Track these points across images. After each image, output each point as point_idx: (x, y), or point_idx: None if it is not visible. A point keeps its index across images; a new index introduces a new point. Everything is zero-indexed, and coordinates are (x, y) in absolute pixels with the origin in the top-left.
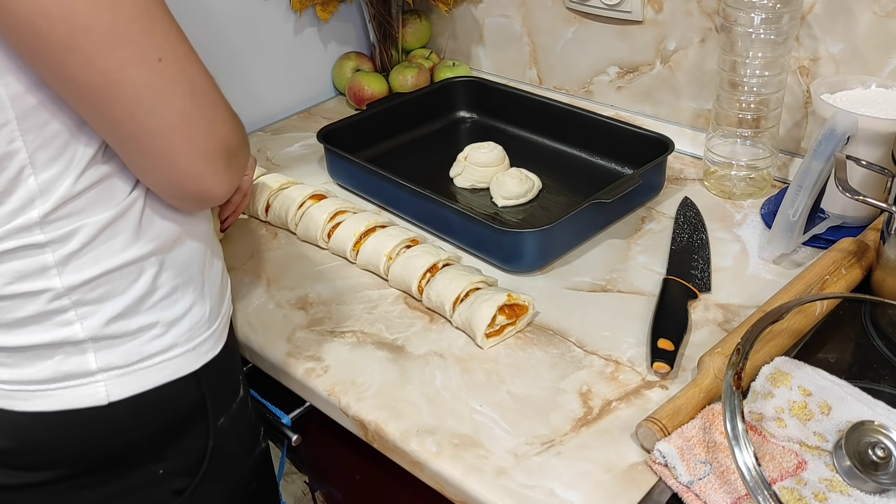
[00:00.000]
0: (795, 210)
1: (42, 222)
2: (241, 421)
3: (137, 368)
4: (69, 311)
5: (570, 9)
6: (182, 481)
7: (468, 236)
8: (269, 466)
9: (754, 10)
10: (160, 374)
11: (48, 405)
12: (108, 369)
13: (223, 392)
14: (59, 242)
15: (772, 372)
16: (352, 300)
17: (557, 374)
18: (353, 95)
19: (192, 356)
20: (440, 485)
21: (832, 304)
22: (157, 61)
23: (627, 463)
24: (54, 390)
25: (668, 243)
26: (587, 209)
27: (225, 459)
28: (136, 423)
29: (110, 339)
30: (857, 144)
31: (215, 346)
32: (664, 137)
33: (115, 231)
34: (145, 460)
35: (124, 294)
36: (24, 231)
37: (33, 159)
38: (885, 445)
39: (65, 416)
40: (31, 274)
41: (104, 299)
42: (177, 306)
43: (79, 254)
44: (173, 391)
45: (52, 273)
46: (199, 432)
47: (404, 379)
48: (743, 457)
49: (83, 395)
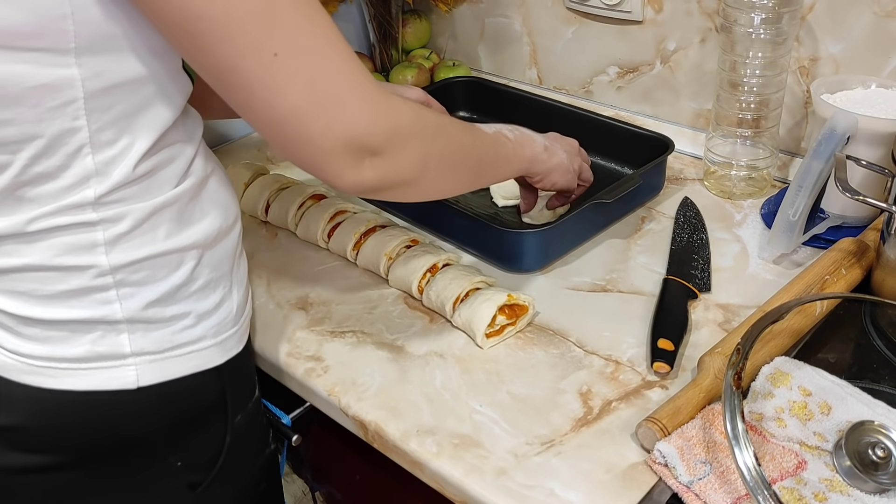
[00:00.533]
0: (795, 210)
1: (96, 202)
2: (255, 421)
3: (168, 356)
4: (111, 290)
5: (570, 9)
6: (198, 475)
7: (468, 236)
8: (277, 469)
9: (754, 10)
10: (188, 364)
11: (78, 384)
12: (140, 353)
13: (242, 390)
14: (110, 222)
15: (772, 372)
16: (352, 300)
17: (557, 374)
18: None
19: (217, 350)
20: (440, 485)
21: (832, 304)
22: (272, 56)
23: (627, 463)
24: (86, 370)
25: (668, 243)
26: (587, 209)
27: (239, 457)
28: (160, 412)
29: (145, 324)
30: (857, 144)
31: (238, 344)
32: (664, 137)
33: (161, 219)
34: (164, 451)
35: (164, 281)
36: (77, 208)
37: (93, 139)
38: (885, 445)
39: (92, 397)
40: (80, 249)
41: (145, 283)
42: (209, 299)
43: (127, 236)
44: (197, 383)
45: (100, 251)
46: (217, 427)
47: (404, 379)
48: (743, 457)
49: (114, 378)
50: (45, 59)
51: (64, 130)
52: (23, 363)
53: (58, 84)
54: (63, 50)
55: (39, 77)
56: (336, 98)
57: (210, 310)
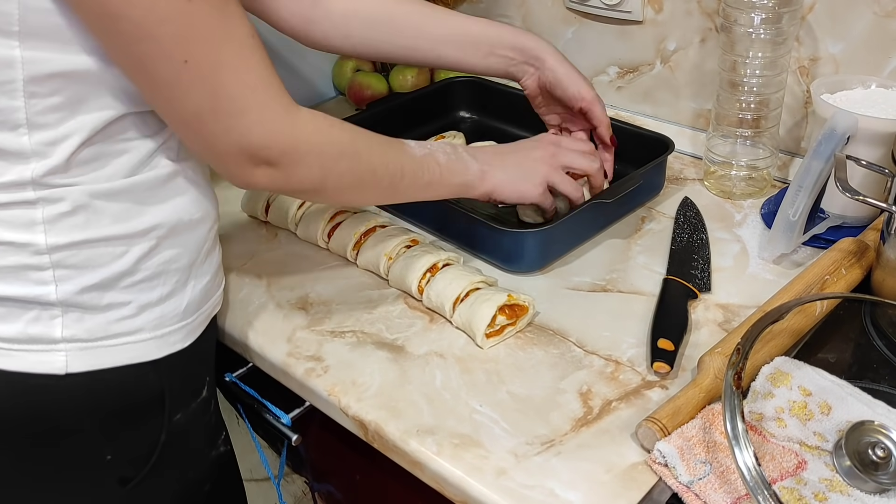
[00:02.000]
0: (795, 210)
1: (34, 182)
2: (200, 420)
3: (100, 345)
4: (47, 270)
5: (570, 9)
6: (129, 471)
7: (468, 236)
8: (232, 471)
9: (754, 10)
10: (122, 356)
11: (7, 364)
12: (71, 340)
13: (184, 388)
14: (48, 202)
15: (772, 372)
16: (352, 300)
17: (557, 374)
18: (354, 95)
19: (156, 344)
20: (440, 485)
21: (832, 304)
22: (182, 62)
23: (627, 463)
24: (16, 351)
25: (668, 243)
26: (587, 209)
27: (177, 457)
28: (90, 402)
29: (80, 309)
30: (857, 144)
31: (184, 340)
32: (664, 137)
33: (107, 205)
34: (93, 442)
35: (104, 267)
36: (17, 186)
37: (31, 121)
38: (885, 445)
39: (20, 379)
40: (19, 225)
41: (83, 266)
42: (154, 292)
43: (67, 217)
44: (131, 376)
45: (38, 229)
46: (152, 424)
47: (404, 379)
48: (743, 457)
49: (42, 362)
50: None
51: (1, 108)
52: None
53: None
54: (6, 32)
55: None
56: (236, 109)
57: (152, 302)
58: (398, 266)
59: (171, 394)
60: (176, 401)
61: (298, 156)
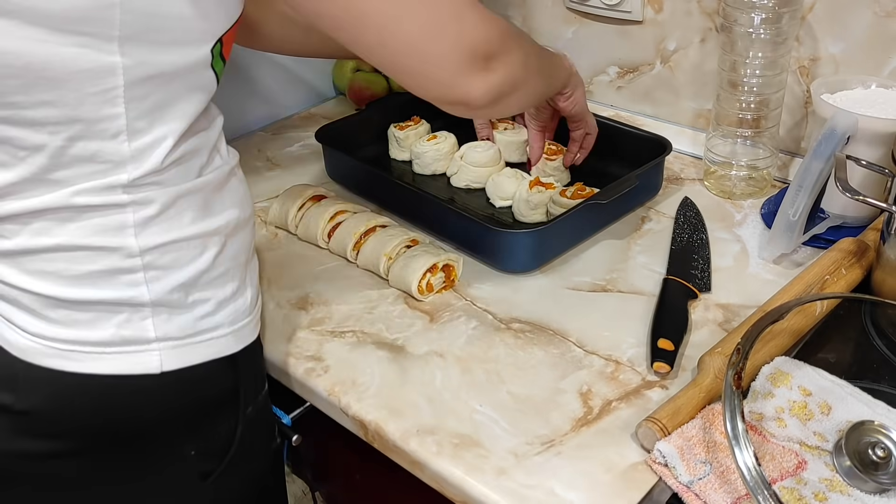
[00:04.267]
0: (795, 210)
1: (128, 185)
2: (264, 414)
3: (190, 342)
4: (139, 272)
5: (570, 9)
6: (209, 465)
7: (463, 236)
8: (282, 464)
9: (754, 10)
10: (207, 351)
11: (102, 368)
12: (164, 339)
13: (253, 381)
14: (139, 205)
15: (772, 372)
16: (352, 300)
17: (557, 374)
18: (354, 95)
19: (233, 339)
20: (440, 485)
21: (832, 304)
22: None
23: (627, 463)
24: (110, 354)
25: (668, 243)
26: (583, 210)
27: (249, 449)
28: (179, 399)
29: (169, 309)
30: (857, 144)
31: (252, 333)
32: (662, 138)
33: (187, 205)
34: (179, 439)
35: (189, 265)
36: (110, 190)
37: (130, 126)
38: (885, 445)
39: (116, 381)
40: (111, 230)
41: (171, 266)
42: (227, 287)
43: (155, 219)
44: (214, 371)
45: (129, 232)
46: (230, 417)
47: (404, 379)
48: (743, 457)
49: (138, 363)
50: (91, 45)
51: (103, 116)
52: (46, 346)
53: (100, 70)
54: (108, 37)
55: (83, 62)
56: (455, 13)
57: (228, 297)
58: (398, 266)
59: (245, 387)
60: (248, 394)
61: (509, 40)
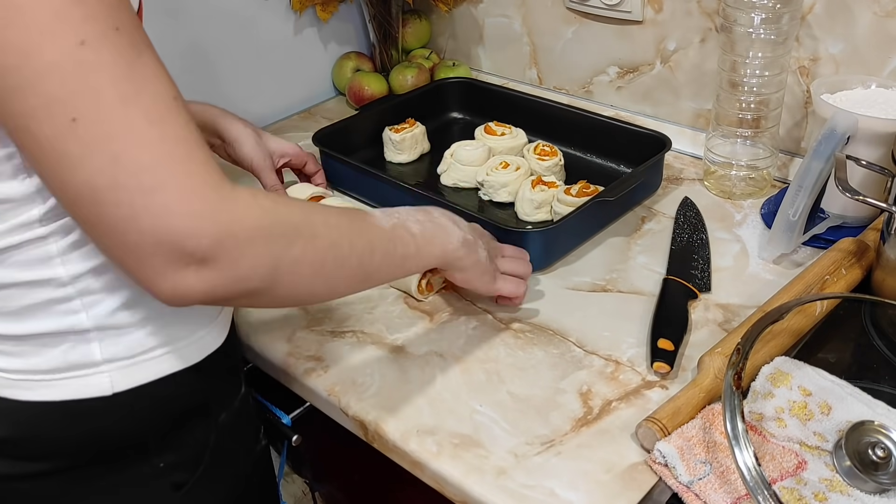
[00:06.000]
0: (795, 210)
1: (42, 218)
2: (242, 417)
3: (141, 360)
4: (74, 300)
5: (570, 9)
6: (182, 475)
7: None
8: (269, 465)
9: (754, 10)
10: (163, 366)
11: (53, 395)
12: (112, 360)
13: (224, 387)
14: (59, 234)
15: (772, 372)
16: (352, 300)
17: (557, 374)
18: (353, 95)
19: (194, 349)
20: (440, 485)
21: (832, 304)
22: (69, 121)
23: (627, 463)
24: (59, 380)
25: (668, 243)
26: (589, 208)
27: (225, 455)
28: (139, 415)
29: (115, 330)
30: (857, 144)
31: (216, 340)
32: (661, 135)
33: None
34: (147, 452)
35: (126, 286)
36: (26, 227)
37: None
38: (885, 445)
39: (69, 405)
40: (36, 263)
41: (108, 289)
42: None
43: (79, 245)
44: (175, 383)
45: (55, 262)
46: (200, 426)
47: (404, 379)
48: (743, 457)
49: (88, 385)
50: None
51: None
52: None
53: None
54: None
55: None
56: (144, 184)
57: (179, 311)
58: None
59: (215, 394)
60: (219, 401)
61: (238, 243)
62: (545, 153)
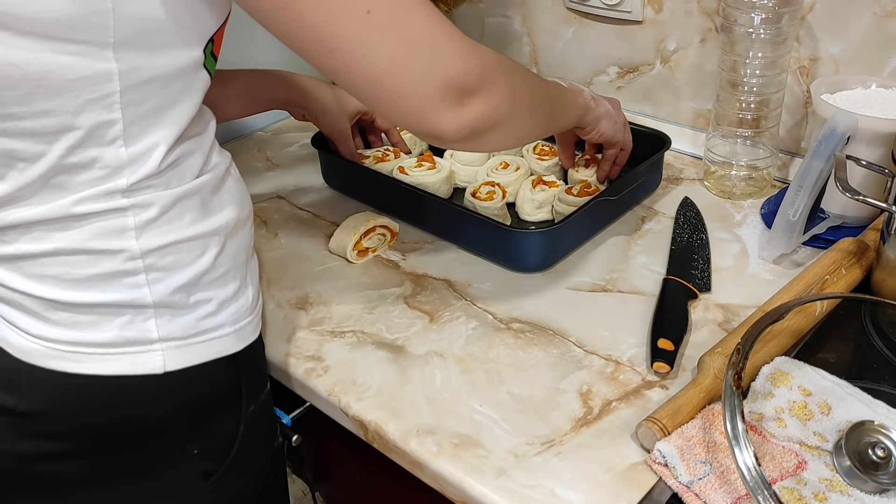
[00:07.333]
0: (795, 210)
1: (127, 190)
2: (266, 413)
3: (192, 342)
4: (140, 274)
5: (570, 9)
6: (212, 464)
7: (475, 238)
8: (283, 464)
9: (754, 10)
10: (209, 351)
11: (105, 369)
12: (167, 339)
13: (255, 380)
14: (139, 208)
15: (772, 372)
16: (352, 300)
17: (557, 374)
18: None
19: (235, 338)
20: (440, 485)
21: (832, 304)
22: (365, 14)
23: (627, 463)
24: (113, 355)
25: (668, 243)
26: (591, 207)
27: (251, 448)
28: (182, 398)
29: (171, 310)
30: (857, 144)
31: (254, 332)
32: (661, 133)
33: (185, 207)
34: (182, 438)
35: (190, 266)
36: (110, 196)
37: (127, 132)
38: (885, 445)
39: (119, 381)
40: (112, 233)
41: (172, 268)
42: (228, 287)
43: (155, 222)
44: (216, 370)
45: (130, 235)
46: (232, 416)
47: (404, 379)
48: (743, 457)
49: (141, 363)
50: (87, 52)
51: (100, 123)
52: (49, 348)
53: (97, 77)
54: (103, 44)
55: (80, 69)
56: (430, 44)
57: (230, 297)
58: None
59: (247, 386)
60: (250, 393)
61: (493, 76)
62: (545, 153)
